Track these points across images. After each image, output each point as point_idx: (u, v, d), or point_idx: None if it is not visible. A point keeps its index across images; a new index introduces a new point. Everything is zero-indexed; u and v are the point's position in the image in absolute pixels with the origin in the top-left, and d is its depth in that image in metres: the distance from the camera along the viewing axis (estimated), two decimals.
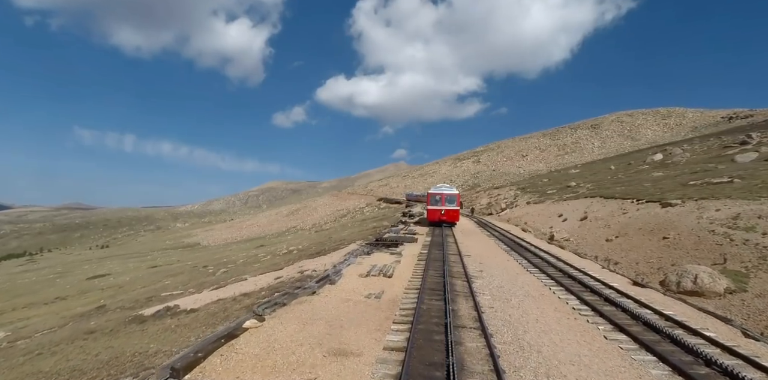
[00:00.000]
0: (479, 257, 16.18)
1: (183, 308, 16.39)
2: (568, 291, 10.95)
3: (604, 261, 15.63)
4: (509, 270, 13.80)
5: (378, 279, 12.45)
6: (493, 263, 14.94)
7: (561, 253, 17.88)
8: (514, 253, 17.53)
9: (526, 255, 17.04)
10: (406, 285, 11.39)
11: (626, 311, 9.19)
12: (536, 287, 11.47)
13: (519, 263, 15.24)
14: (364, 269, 13.96)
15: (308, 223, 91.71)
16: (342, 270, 13.74)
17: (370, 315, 8.96)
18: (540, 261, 15.67)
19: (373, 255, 17.00)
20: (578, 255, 17.49)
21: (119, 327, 15.44)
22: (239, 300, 15.64)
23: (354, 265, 14.76)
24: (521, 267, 14.58)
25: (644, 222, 17.75)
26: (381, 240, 21.49)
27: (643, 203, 20.56)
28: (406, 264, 14.54)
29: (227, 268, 30.16)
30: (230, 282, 21.43)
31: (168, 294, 22.31)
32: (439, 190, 28.78)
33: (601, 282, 11.90)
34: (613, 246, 17.28)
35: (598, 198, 26.01)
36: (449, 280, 11.54)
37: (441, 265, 13.83)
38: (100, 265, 73.84)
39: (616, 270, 14.45)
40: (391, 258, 16.27)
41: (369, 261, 15.51)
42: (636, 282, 12.58)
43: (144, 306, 20.04)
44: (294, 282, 16.94)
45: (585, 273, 13.25)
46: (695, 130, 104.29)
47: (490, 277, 12.46)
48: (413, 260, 15.43)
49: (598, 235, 19.41)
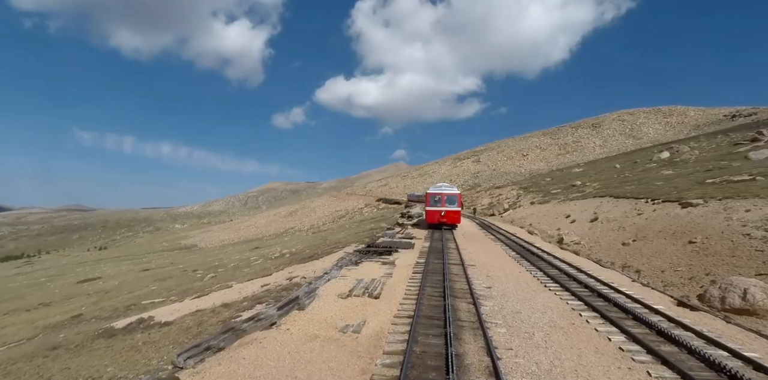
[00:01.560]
0: (485, 267, 14.28)
1: (157, 320, 14.96)
2: (605, 319, 8.76)
3: (622, 268, 14.12)
4: (523, 285, 11.81)
5: (361, 300, 10.30)
6: (503, 275, 12.98)
7: (578, 261, 15.93)
8: (524, 262, 15.54)
9: (539, 264, 15.05)
10: (396, 311, 9.19)
11: (695, 353, 6.89)
12: (562, 312, 9.31)
13: (533, 275, 13.27)
14: (347, 285, 11.91)
15: (306, 224, 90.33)
16: (318, 289, 11.53)
17: (341, 367, 6.48)
18: (557, 272, 13.64)
19: (361, 266, 14.98)
20: (599, 264, 15.56)
21: (85, 343, 14.00)
22: (218, 311, 14.22)
23: (336, 280, 12.62)
24: (537, 281, 12.60)
25: (664, 224, 16.24)
26: (373, 246, 19.32)
27: (659, 203, 19.08)
28: (398, 278, 12.55)
29: (216, 273, 28.73)
30: (215, 290, 20.01)
31: (149, 302, 20.88)
32: (438, 189, 26.83)
33: (640, 303, 9.81)
34: (631, 251, 15.73)
35: (607, 198, 24.48)
36: (451, 303, 9.49)
37: (441, 280, 11.94)
38: (93, 268, 72.44)
39: (650, 284, 12.48)
40: (382, 269, 14.34)
41: (355, 274, 13.45)
42: (681, 301, 10.42)
43: (120, 316, 18.61)
44: (280, 290, 15.53)
45: (615, 288, 11.26)
46: (698, 128, 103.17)
47: (501, 297, 10.37)
48: (408, 272, 13.47)
49: (612, 238, 17.89)
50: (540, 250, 17.83)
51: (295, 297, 10.00)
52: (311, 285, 11.74)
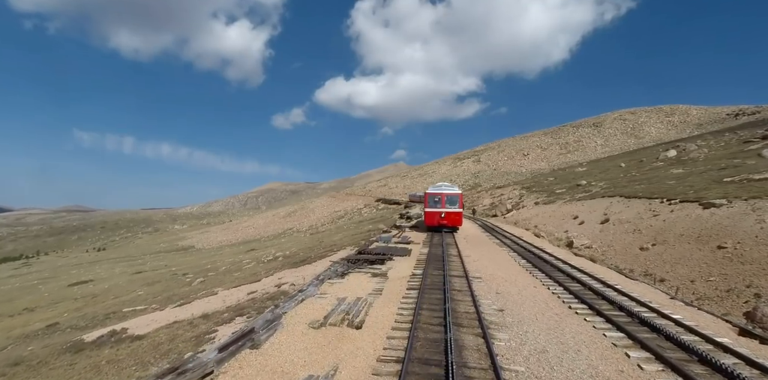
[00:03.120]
0: (493, 280, 12.23)
1: (130, 333, 13.69)
2: (664, 363, 6.59)
3: (652, 280, 12.71)
4: (542, 306, 9.67)
5: (338, 332, 8.07)
6: (516, 292, 10.93)
7: (598, 271, 13.85)
8: (538, 273, 13.54)
9: (555, 275, 12.95)
10: (381, 351, 7.02)
11: None
12: (602, 350, 7.08)
13: (551, 291, 11.23)
14: (324, 308, 9.58)
15: (305, 225, 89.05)
16: (285, 314, 8.96)
17: None
18: (579, 287, 11.66)
19: (347, 279, 12.99)
20: (623, 274, 13.60)
21: (49, 359, 12.73)
22: (195, 324, 12.94)
23: (312, 300, 10.36)
24: (557, 299, 10.40)
25: (686, 226, 14.88)
26: (364, 252, 17.17)
27: (676, 203, 17.75)
28: (389, 297, 10.46)
29: (206, 277, 27.46)
30: (200, 296, 18.75)
31: (130, 310, 19.61)
32: (438, 189, 24.88)
33: (697, 335, 7.85)
34: (651, 256, 14.33)
35: (618, 198, 23.05)
36: (455, 337, 7.35)
37: (440, 299, 9.93)
38: (88, 270, 71.26)
39: (693, 302, 10.45)
40: (370, 283, 12.36)
41: (338, 291, 11.33)
42: (744, 329, 8.44)
43: (97, 326, 17.35)
44: (265, 300, 14.24)
45: (656, 311, 9.14)
46: (701, 126, 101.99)
47: (518, 325, 8.21)
48: (401, 287, 11.46)
49: (627, 242, 16.51)
50: (552, 257, 16.00)
51: (249, 330, 7.60)
52: (276, 310, 9.05)
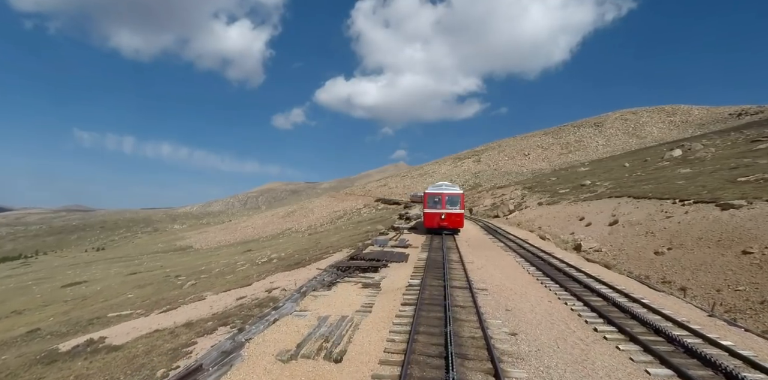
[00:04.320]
0: (501, 292, 10.70)
1: (107, 343, 12.79)
2: None
3: (665, 285, 11.80)
4: (563, 329, 8.04)
5: (311, 368, 6.34)
6: (528, 309, 9.38)
7: (618, 281, 12.21)
8: (550, 283, 12.05)
9: (571, 286, 11.39)
10: None
11: None
12: None
13: (570, 307, 9.60)
14: (300, 332, 7.95)
15: (304, 225, 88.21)
16: (250, 341, 7.23)
17: None
18: (602, 302, 10.03)
19: (334, 290, 11.39)
20: (646, 285, 12.04)
21: (20, 371, 11.84)
22: (177, 334, 12.03)
23: (287, 320, 8.69)
24: (579, 319, 8.70)
25: (703, 229, 13.93)
26: (357, 258, 15.61)
27: (690, 204, 16.82)
28: (380, 315, 8.92)
29: (198, 280, 26.58)
30: (187, 301, 17.86)
31: (116, 315, 18.73)
32: (438, 189, 23.40)
33: (762, 371, 6.29)
34: (667, 262, 13.36)
35: (626, 199, 22.11)
36: (459, 375, 5.92)
37: (441, 318, 8.50)
38: (84, 270, 70.49)
39: (737, 320, 9.06)
40: (360, 296, 10.87)
41: (320, 307, 9.68)
42: None
43: (78, 333, 16.46)
44: (252, 307, 13.34)
45: (703, 336, 7.57)
46: (703, 126, 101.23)
47: (537, 358, 6.62)
48: (395, 302, 9.89)
49: (640, 245, 15.56)
50: (563, 263, 14.61)
51: (195, 369, 6.09)
52: (239, 337, 7.37)
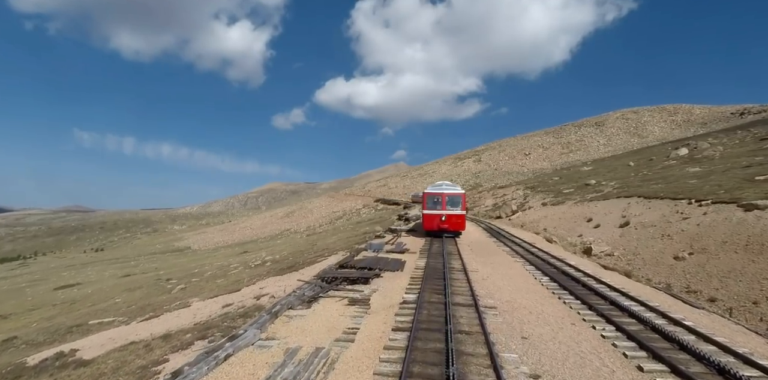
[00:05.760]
0: (514, 312, 8.96)
1: (78, 356, 11.76)
2: None
3: (686, 293, 10.74)
4: (598, 367, 6.36)
5: None
6: (549, 335, 7.56)
7: (648, 295, 10.39)
8: (569, 297, 10.22)
9: (594, 302, 9.52)
10: None
11: None
12: None
13: (601, 333, 7.72)
14: (258, 373, 6.28)
15: (303, 226, 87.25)
16: None
17: None
18: (637, 324, 8.16)
19: (314, 309, 9.55)
20: (682, 300, 10.14)
21: None
22: (152, 347, 11.00)
23: (245, 354, 7.05)
24: (616, 352, 6.93)
25: (727, 232, 12.89)
26: (347, 266, 13.76)
27: (708, 204, 15.79)
28: (365, 346, 7.22)
29: (189, 283, 25.60)
30: (172, 309, 16.84)
31: (98, 322, 17.72)
32: (438, 189, 22.05)
33: None
34: (689, 268, 12.26)
35: (636, 199, 21.03)
36: None
37: (442, 351, 6.82)
38: (79, 272, 69.67)
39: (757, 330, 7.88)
40: (344, 317, 8.98)
41: (292, 334, 7.91)
42: None
43: (54, 342, 15.45)
44: (236, 318, 12.32)
45: None
46: (705, 125, 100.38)
47: None
48: (385, 326, 8.22)
49: (657, 250, 14.48)
50: (579, 272, 12.92)
51: None
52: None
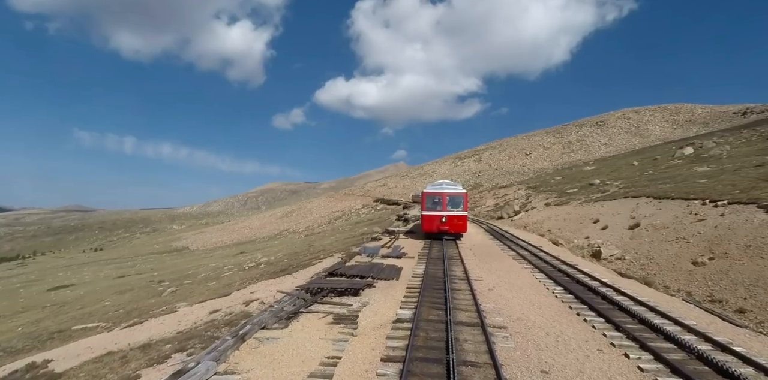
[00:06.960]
0: (527, 334, 7.42)
1: (49, 369, 10.93)
2: None
3: (710, 303, 9.89)
4: None
5: None
6: (574, 367, 6.14)
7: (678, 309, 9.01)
8: (590, 314, 8.74)
9: (620, 320, 8.13)
10: None
11: None
12: None
13: (638, 365, 6.32)
14: None
15: (301, 226, 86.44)
16: None
17: None
18: (678, 351, 6.87)
19: (291, 329, 7.92)
20: (720, 317, 8.61)
21: None
22: (128, 359, 10.15)
23: None
24: None
25: (750, 234, 12.04)
26: (336, 273, 12.41)
27: (724, 205, 14.96)
28: None
29: (180, 286, 24.79)
30: (158, 314, 16.02)
31: (80, 328, 16.91)
32: (438, 188, 20.85)
33: None
34: (711, 274, 11.39)
35: (645, 199, 20.18)
36: None
37: None
38: (75, 273, 68.90)
39: None
40: (324, 341, 7.28)
41: (254, 368, 6.19)
42: None
43: (31, 351, 14.63)
44: (221, 326, 11.48)
45: None
46: (707, 125, 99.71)
47: None
48: (373, 355, 6.59)
49: (672, 254, 13.61)
50: (596, 281, 11.46)
51: None
52: None
